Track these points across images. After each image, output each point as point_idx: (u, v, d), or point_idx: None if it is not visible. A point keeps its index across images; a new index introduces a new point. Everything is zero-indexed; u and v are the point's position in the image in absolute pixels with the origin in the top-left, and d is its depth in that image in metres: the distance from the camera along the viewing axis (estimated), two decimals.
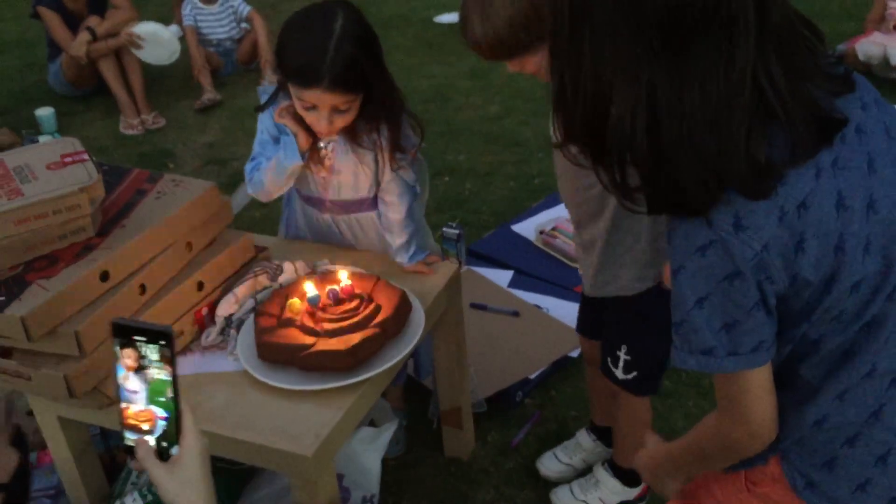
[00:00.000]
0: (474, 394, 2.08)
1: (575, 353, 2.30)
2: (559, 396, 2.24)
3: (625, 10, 0.87)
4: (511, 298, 2.52)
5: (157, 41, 4.11)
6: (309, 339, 1.55)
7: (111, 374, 1.29)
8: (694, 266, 0.95)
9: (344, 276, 1.64)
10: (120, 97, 4.06)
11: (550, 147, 1.29)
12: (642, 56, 0.87)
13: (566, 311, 2.44)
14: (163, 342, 0.95)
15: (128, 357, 0.96)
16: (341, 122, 1.68)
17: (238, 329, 1.68)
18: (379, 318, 1.58)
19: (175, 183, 1.78)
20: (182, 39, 4.40)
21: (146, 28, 4.08)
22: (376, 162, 1.75)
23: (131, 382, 0.97)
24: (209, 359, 1.65)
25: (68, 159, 1.67)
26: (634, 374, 1.72)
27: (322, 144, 1.76)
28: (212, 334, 1.68)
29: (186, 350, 1.67)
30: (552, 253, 2.71)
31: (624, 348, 1.71)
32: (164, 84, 4.44)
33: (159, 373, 0.96)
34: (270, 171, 1.79)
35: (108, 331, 1.02)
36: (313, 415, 1.48)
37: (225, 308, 1.70)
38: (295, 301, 1.62)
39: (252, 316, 1.67)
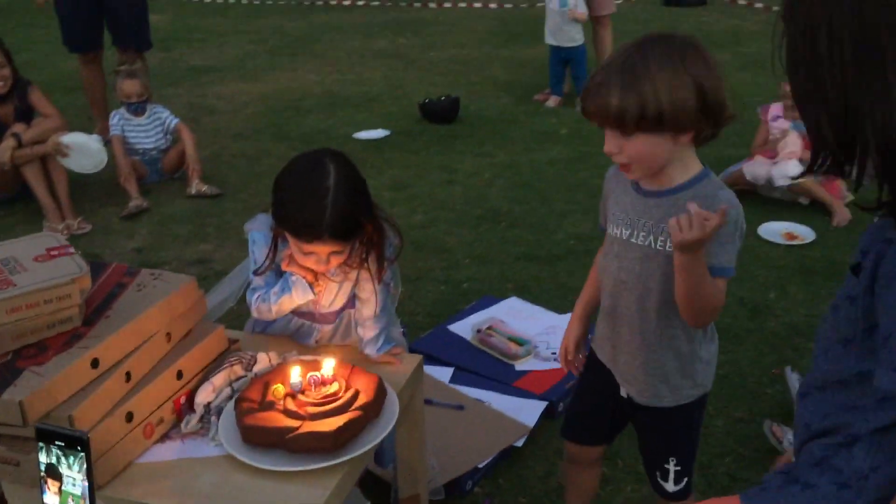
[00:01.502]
0: (434, 481, 2.16)
1: (519, 443, 2.43)
2: (507, 484, 2.34)
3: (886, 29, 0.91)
4: (454, 393, 2.64)
5: (84, 151, 4.16)
6: (294, 422, 1.63)
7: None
8: None
9: (328, 366, 1.74)
10: (44, 202, 4.05)
11: (476, 255, 1.41)
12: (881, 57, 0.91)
13: (507, 405, 2.58)
14: (79, 448, 1.01)
15: (52, 485, 1.02)
16: (336, 261, 1.82)
17: (218, 416, 1.73)
18: (360, 402, 1.68)
19: (154, 276, 1.86)
20: (108, 147, 4.46)
21: (75, 138, 4.13)
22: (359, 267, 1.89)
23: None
24: (190, 445, 1.69)
25: (54, 252, 1.73)
26: (685, 480, 1.77)
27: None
28: (192, 421, 1.73)
29: (166, 437, 1.71)
30: (488, 351, 2.86)
31: (673, 461, 1.76)
32: (89, 191, 4.46)
33: (75, 486, 1.02)
34: (283, 304, 1.89)
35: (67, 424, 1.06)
36: (302, 494, 1.55)
37: (203, 396, 1.76)
38: (279, 386, 1.70)
39: (231, 403, 1.74)
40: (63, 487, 1.00)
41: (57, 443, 0.98)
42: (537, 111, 5.69)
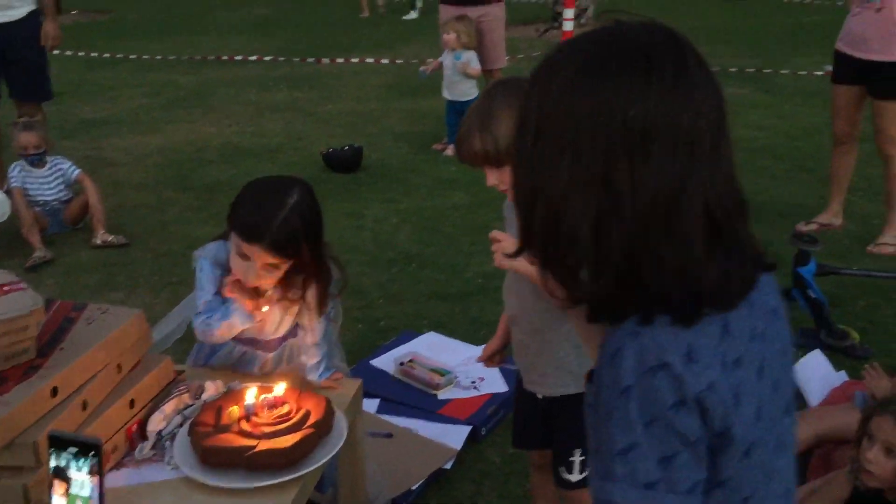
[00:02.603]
0: (378, 499, 2.26)
1: (448, 465, 2.56)
2: None
3: (589, 124, 0.90)
4: (382, 423, 2.75)
5: None
6: (251, 441, 1.71)
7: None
8: (645, 386, 0.90)
9: (280, 388, 1.83)
10: None
11: (390, 295, 1.54)
12: (602, 168, 0.90)
13: (433, 431, 2.71)
14: (93, 454, 1.10)
15: (59, 487, 1.12)
16: (268, 278, 1.91)
17: (171, 442, 1.79)
18: (311, 421, 1.78)
19: (102, 311, 1.92)
20: (8, 198, 4.37)
21: None
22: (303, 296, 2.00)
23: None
24: (145, 471, 1.74)
25: (6, 287, 1.77)
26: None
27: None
28: (145, 448, 1.78)
29: (120, 465, 1.76)
30: (411, 382, 2.99)
31: (578, 452, 1.88)
32: None
33: (83, 489, 1.11)
34: (224, 329, 1.96)
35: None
36: None
37: (155, 424, 1.82)
38: (234, 409, 1.78)
39: (185, 428, 1.80)
40: (70, 490, 1.07)
41: (70, 449, 1.06)
42: (437, 160, 5.91)
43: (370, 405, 2.86)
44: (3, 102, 4.89)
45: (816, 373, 2.88)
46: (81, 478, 1.07)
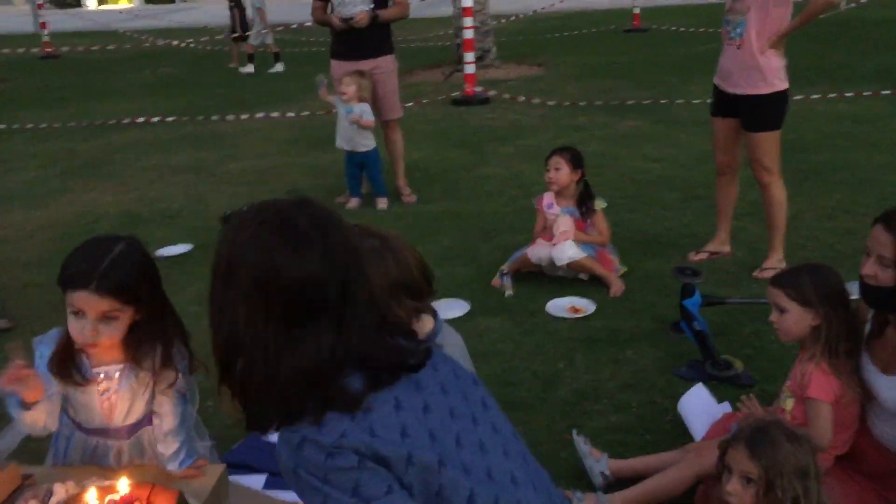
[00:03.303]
0: None
1: None
2: None
3: (258, 282, 1.27)
4: (268, 500, 2.67)
5: None
6: None
7: None
8: (302, 460, 1.26)
9: (124, 485, 1.76)
10: None
11: None
12: (267, 317, 1.27)
13: None
14: None
15: None
16: (107, 333, 1.84)
17: None
18: None
19: None
20: None
21: None
22: (154, 380, 1.94)
23: None
24: None
25: None
26: None
27: (102, 384, 1.91)
28: None
29: None
30: None
31: None
32: None
33: None
34: (22, 421, 1.91)
35: None
36: None
37: None
38: None
39: None
40: None
41: None
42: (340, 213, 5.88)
43: (258, 481, 2.78)
44: None
45: (699, 407, 2.92)
46: None
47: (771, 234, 4.40)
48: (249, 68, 13.72)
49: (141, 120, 9.75)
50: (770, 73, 4.13)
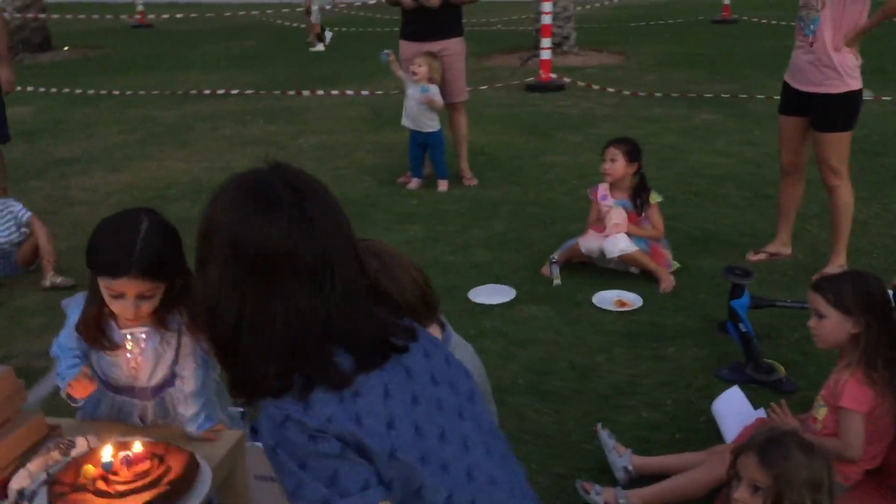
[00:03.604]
0: None
1: None
2: None
3: (232, 246, 1.29)
4: None
5: None
6: (103, 502, 1.71)
7: None
8: (283, 440, 1.26)
9: (138, 444, 1.83)
10: None
11: None
12: (241, 279, 1.28)
13: None
14: None
15: None
16: (146, 308, 1.93)
17: (31, 501, 1.79)
18: (169, 478, 1.78)
19: None
20: None
21: None
22: (178, 343, 2.01)
23: None
24: None
25: None
26: None
27: (129, 345, 1.99)
28: None
29: None
30: None
31: None
32: None
33: None
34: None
35: None
36: None
37: (18, 482, 1.82)
38: (89, 467, 1.78)
39: (44, 487, 1.80)
40: None
41: None
42: (399, 193, 5.94)
43: None
44: None
45: (733, 410, 2.86)
46: None
47: (834, 238, 4.25)
48: (320, 47, 13.80)
49: (221, 92, 9.99)
50: (844, 72, 3.98)
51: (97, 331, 1.98)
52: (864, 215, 4.85)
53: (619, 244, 4.17)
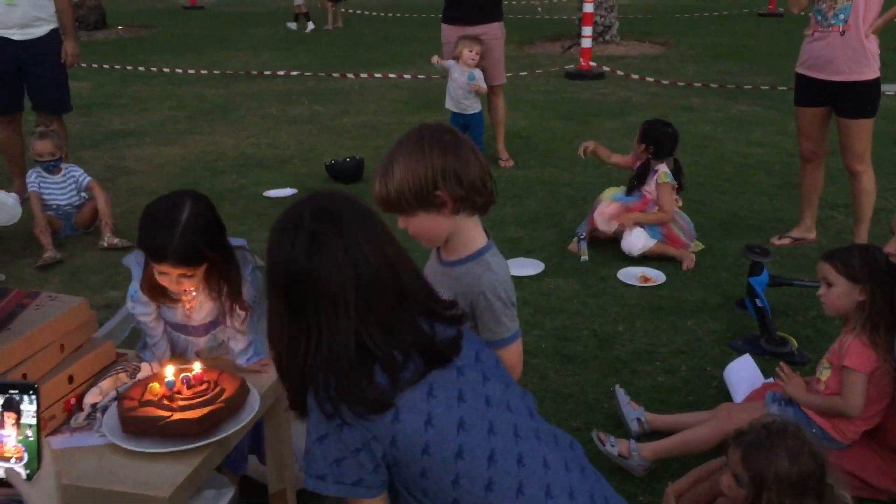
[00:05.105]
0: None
1: None
2: None
3: (279, 283, 1.54)
4: None
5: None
6: (166, 413, 1.95)
7: None
8: (316, 415, 1.49)
9: (197, 366, 2.07)
10: None
11: None
12: (276, 303, 1.55)
13: None
14: (32, 393, 1.36)
15: (9, 418, 1.36)
16: (189, 283, 2.15)
17: (103, 413, 2.04)
18: (223, 397, 2.02)
19: (52, 298, 2.18)
20: (24, 203, 4.72)
21: None
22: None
23: (6, 430, 1.37)
24: (77, 437, 1.99)
25: None
26: None
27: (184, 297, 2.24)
28: (80, 418, 2.04)
29: (57, 431, 2.01)
30: None
31: None
32: (4, 244, 4.70)
33: (26, 418, 1.36)
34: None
35: None
36: (168, 470, 1.86)
37: (91, 398, 2.08)
38: (154, 385, 2.02)
39: (115, 404, 2.05)
40: (21, 420, 1.33)
41: (10, 391, 1.32)
42: None
43: None
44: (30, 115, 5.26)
45: (743, 375, 3.03)
46: (31, 409, 1.33)
47: (856, 223, 4.37)
48: (292, 25, 14.57)
49: (267, 73, 10.28)
50: (874, 59, 4.09)
51: (156, 289, 2.20)
52: (889, 203, 4.95)
53: (636, 244, 4.33)
